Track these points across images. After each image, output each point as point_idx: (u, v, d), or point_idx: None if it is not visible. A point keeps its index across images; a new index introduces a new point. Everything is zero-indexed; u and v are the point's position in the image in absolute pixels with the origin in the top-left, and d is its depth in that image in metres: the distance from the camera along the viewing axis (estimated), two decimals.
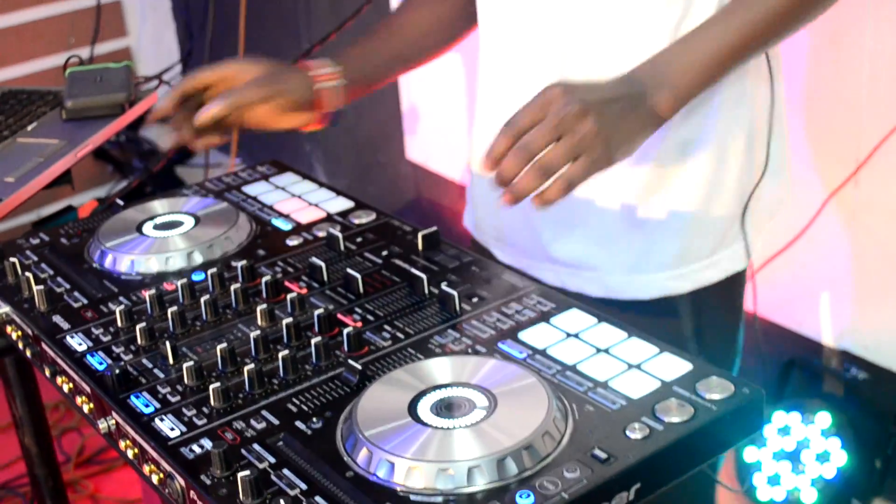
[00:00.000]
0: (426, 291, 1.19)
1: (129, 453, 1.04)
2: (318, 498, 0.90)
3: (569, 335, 1.09)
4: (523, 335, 1.10)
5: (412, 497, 0.89)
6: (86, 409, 1.12)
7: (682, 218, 1.40)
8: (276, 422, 1.00)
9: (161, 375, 1.09)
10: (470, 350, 1.08)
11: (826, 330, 2.34)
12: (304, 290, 1.23)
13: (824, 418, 2.24)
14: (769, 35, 1.27)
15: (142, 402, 1.05)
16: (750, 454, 2.30)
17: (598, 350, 1.06)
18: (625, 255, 1.42)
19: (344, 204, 1.44)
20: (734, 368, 1.56)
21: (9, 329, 1.27)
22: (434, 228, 1.30)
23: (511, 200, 1.15)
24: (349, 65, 1.47)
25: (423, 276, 1.20)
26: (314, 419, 1.00)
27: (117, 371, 1.07)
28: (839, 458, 2.23)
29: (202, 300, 1.18)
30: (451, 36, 1.57)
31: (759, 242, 1.49)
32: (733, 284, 1.48)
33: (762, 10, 1.24)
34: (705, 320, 1.47)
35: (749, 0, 1.24)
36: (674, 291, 1.43)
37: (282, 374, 1.06)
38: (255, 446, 0.97)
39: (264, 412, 1.02)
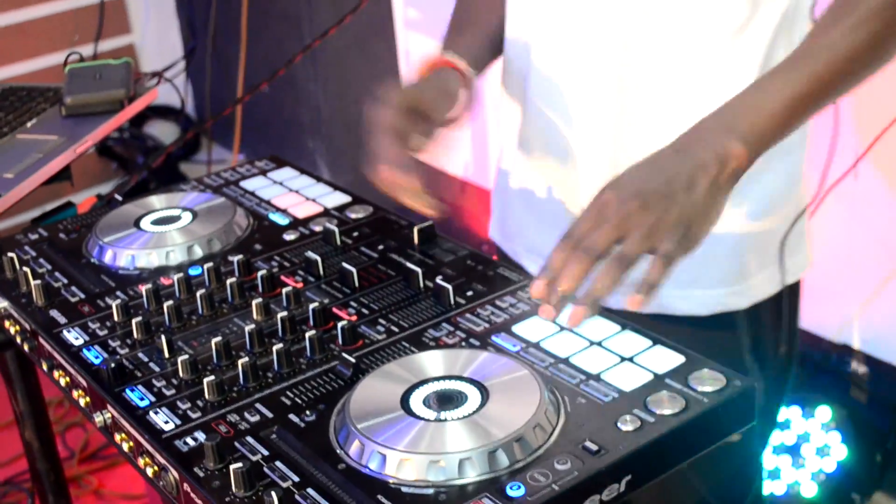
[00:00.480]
0: (421, 285, 1.20)
1: (125, 446, 1.05)
2: (310, 490, 0.90)
3: (562, 328, 1.10)
4: (517, 328, 1.10)
5: (404, 489, 0.89)
6: (82, 402, 1.13)
7: (738, 232, 1.34)
8: (269, 415, 1.01)
9: (156, 369, 1.10)
10: (464, 343, 1.09)
11: (826, 324, 2.34)
12: (300, 285, 1.23)
13: (824, 412, 2.24)
14: (846, 79, 1.16)
15: (137, 396, 1.06)
16: None
17: (591, 343, 1.07)
18: (679, 271, 1.38)
19: (341, 199, 1.44)
20: (790, 382, 1.52)
21: (7, 324, 1.28)
22: (430, 222, 1.30)
23: (586, 309, 1.02)
24: (464, 56, 1.38)
25: (419, 269, 1.20)
26: (307, 412, 1.00)
27: (113, 365, 1.08)
28: (839, 452, 2.23)
29: (198, 294, 1.19)
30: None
31: (812, 250, 1.46)
32: (790, 297, 1.44)
33: (835, 54, 1.14)
34: (763, 334, 1.42)
35: (822, 43, 1.15)
36: (731, 307, 1.37)
37: (276, 368, 1.07)
38: (249, 439, 0.98)
39: (258, 405, 1.02)
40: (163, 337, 1.11)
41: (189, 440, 0.98)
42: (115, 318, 1.19)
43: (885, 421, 2.24)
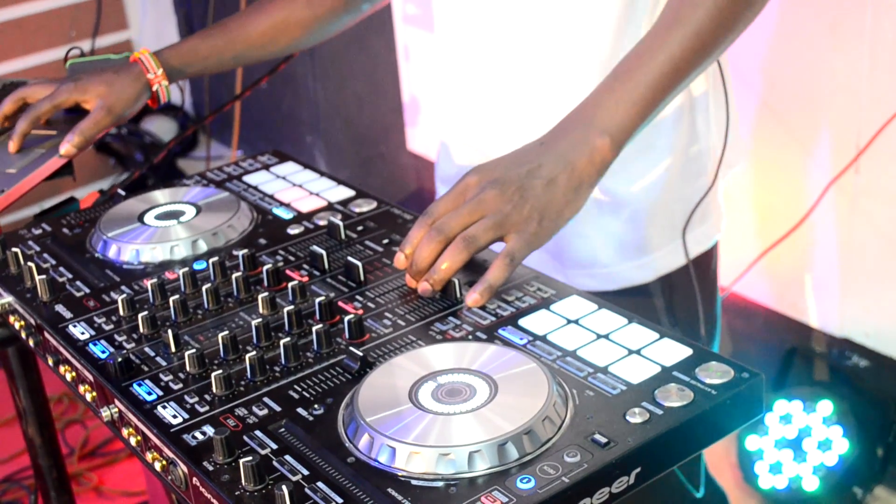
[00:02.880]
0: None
1: (132, 441, 1.05)
2: (319, 483, 0.90)
3: (569, 321, 1.10)
4: (523, 321, 1.10)
5: (413, 482, 0.89)
6: (88, 397, 1.12)
7: (635, 209, 1.42)
8: (277, 408, 1.01)
9: (163, 363, 1.10)
10: (470, 337, 1.09)
11: (827, 318, 2.34)
12: (306, 279, 1.23)
13: (826, 406, 2.25)
14: (704, 53, 1.17)
15: (144, 390, 1.05)
16: (752, 442, 2.31)
17: (598, 336, 1.07)
18: (579, 250, 1.45)
19: (345, 193, 1.44)
20: (714, 345, 1.59)
21: (11, 319, 1.28)
22: None
23: (432, 285, 1.12)
24: (175, 61, 1.56)
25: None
26: (315, 406, 1.00)
27: (119, 359, 1.08)
28: (841, 445, 2.24)
29: (204, 289, 1.19)
30: (291, 42, 1.62)
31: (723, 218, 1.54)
32: (701, 265, 1.51)
33: (687, 31, 1.15)
34: (675, 304, 1.49)
35: (674, 22, 1.17)
36: (637, 282, 1.46)
37: (283, 362, 1.07)
38: (257, 433, 0.97)
39: (266, 399, 1.02)
40: (169, 331, 1.11)
41: (197, 434, 0.98)
42: (121, 312, 1.19)
43: (886, 415, 2.24)
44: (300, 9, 1.59)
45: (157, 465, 1.00)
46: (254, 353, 1.06)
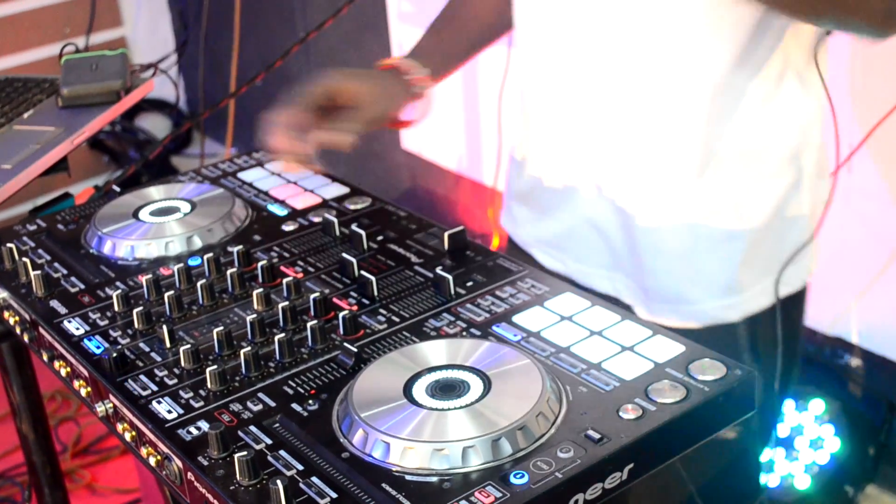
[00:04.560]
0: (421, 275, 1.20)
1: (127, 436, 1.05)
2: (314, 478, 0.90)
3: (562, 318, 1.10)
4: (517, 318, 1.11)
5: (407, 477, 0.89)
6: (83, 392, 1.13)
7: (735, 247, 1.36)
8: (272, 404, 1.01)
9: (158, 359, 1.10)
10: (464, 333, 1.09)
11: (820, 317, 2.35)
12: (301, 275, 1.23)
13: (818, 405, 2.25)
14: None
15: (139, 385, 1.06)
16: None
17: (592, 332, 1.07)
18: (669, 285, 1.38)
19: (339, 190, 1.44)
20: (789, 391, 1.53)
21: (6, 314, 1.28)
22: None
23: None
24: (431, 60, 1.44)
25: (418, 260, 1.21)
26: (310, 401, 1.01)
27: (115, 354, 1.08)
28: (832, 444, 2.25)
29: (199, 284, 1.19)
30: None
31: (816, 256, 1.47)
32: (788, 306, 1.44)
33: None
34: (759, 344, 1.42)
35: None
36: (723, 320, 1.38)
37: (278, 357, 1.07)
38: (252, 428, 0.98)
39: (261, 394, 1.02)
40: (164, 327, 1.12)
41: (192, 429, 0.98)
42: (116, 308, 1.19)
43: (878, 414, 2.25)
44: None
45: (152, 461, 1.01)
46: (248, 348, 1.06)
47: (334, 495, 0.88)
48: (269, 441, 0.96)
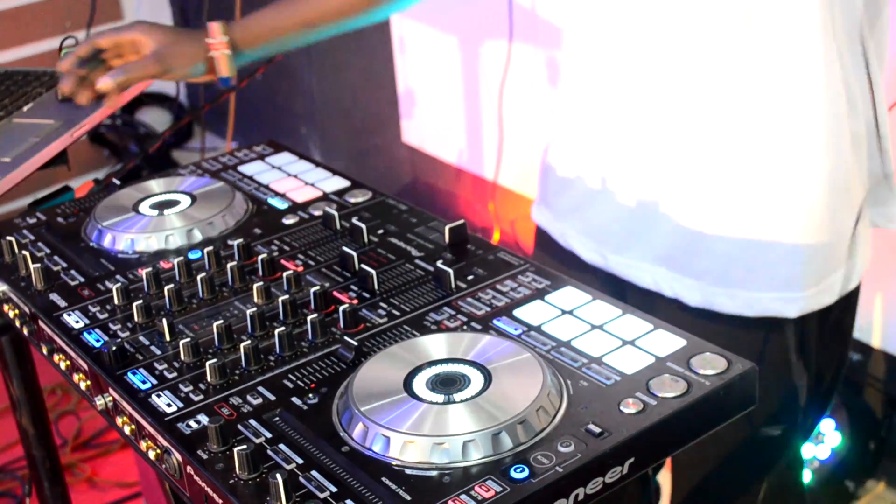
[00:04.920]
0: (422, 269, 1.20)
1: (127, 429, 1.05)
2: (314, 472, 0.90)
3: (563, 312, 1.10)
4: (518, 312, 1.11)
5: (407, 471, 0.89)
6: (83, 386, 1.12)
7: (794, 243, 1.32)
8: (272, 397, 1.01)
9: (158, 352, 1.10)
10: (465, 327, 1.09)
11: None
12: (301, 268, 1.23)
13: None
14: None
15: (139, 379, 1.05)
16: None
17: (593, 326, 1.07)
18: (729, 270, 1.35)
19: (340, 183, 1.44)
20: (833, 396, 1.52)
21: (6, 307, 1.28)
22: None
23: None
24: (249, 30, 1.49)
25: (419, 253, 1.20)
26: (310, 395, 1.00)
27: (114, 348, 1.08)
28: (833, 439, 2.24)
29: (198, 278, 1.19)
30: (367, 11, 1.52)
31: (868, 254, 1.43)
32: (844, 307, 1.42)
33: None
34: (811, 344, 1.40)
35: None
36: (779, 314, 1.35)
37: (278, 351, 1.07)
38: (252, 422, 0.98)
39: (260, 388, 1.02)
40: (164, 320, 1.11)
41: (192, 423, 0.98)
42: (116, 301, 1.19)
43: (878, 409, 2.25)
44: None
45: (152, 454, 1.00)
46: (248, 342, 1.06)
47: (334, 489, 0.88)
48: (268, 435, 0.96)
